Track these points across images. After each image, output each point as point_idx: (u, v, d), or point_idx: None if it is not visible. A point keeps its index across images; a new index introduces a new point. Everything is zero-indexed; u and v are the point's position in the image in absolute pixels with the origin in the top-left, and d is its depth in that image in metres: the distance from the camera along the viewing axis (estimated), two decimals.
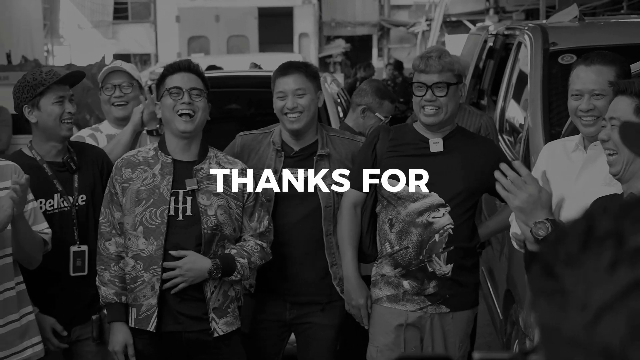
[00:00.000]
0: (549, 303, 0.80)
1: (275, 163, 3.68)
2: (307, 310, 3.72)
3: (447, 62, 3.45)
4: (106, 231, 3.41)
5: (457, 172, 3.48)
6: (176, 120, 3.34)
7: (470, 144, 3.55)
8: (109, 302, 3.41)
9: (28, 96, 3.44)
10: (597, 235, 0.79)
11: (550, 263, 0.82)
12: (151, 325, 3.33)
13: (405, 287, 3.50)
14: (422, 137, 3.53)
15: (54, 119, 3.45)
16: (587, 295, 0.77)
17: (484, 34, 7.24)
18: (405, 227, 3.48)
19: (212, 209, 3.36)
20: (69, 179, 3.54)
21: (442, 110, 3.44)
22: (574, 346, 0.77)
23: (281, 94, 3.61)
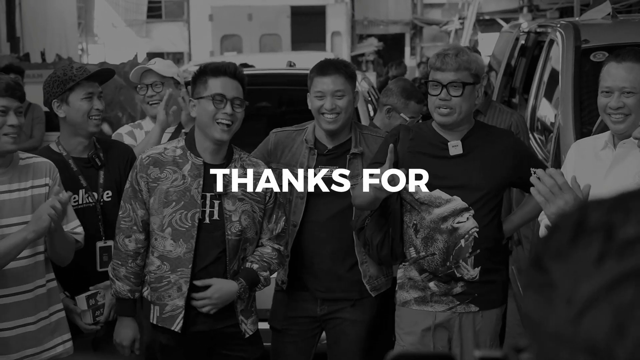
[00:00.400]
0: (537, 297, 0.78)
1: (308, 161, 3.69)
2: (338, 306, 3.73)
3: (464, 60, 3.36)
4: (126, 227, 3.39)
5: (479, 173, 3.42)
6: (214, 128, 3.30)
7: (490, 140, 3.47)
8: (122, 297, 3.43)
9: (58, 91, 3.48)
10: (588, 227, 0.77)
11: (540, 256, 0.80)
12: (176, 325, 3.34)
13: (433, 289, 3.46)
14: (441, 139, 3.46)
15: (82, 115, 3.49)
16: (573, 289, 0.74)
17: (516, 32, 7.19)
18: (430, 233, 3.43)
19: (237, 215, 3.36)
20: (94, 175, 3.57)
21: (455, 111, 3.36)
22: (559, 341, 0.74)
23: (319, 93, 3.60)
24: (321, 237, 3.69)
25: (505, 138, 3.55)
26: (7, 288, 3.17)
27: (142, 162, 3.38)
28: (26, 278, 3.20)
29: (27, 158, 3.30)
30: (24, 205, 3.22)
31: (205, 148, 3.37)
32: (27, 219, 3.19)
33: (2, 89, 3.11)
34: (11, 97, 3.13)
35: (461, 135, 3.45)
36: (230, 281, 3.34)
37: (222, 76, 3.32)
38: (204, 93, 3.31)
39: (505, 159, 3.42)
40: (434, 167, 3.43)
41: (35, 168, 3.28)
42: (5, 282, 3.17)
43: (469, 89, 3.36)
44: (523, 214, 3.64)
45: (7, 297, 3.17)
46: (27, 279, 3.20)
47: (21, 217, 3.20)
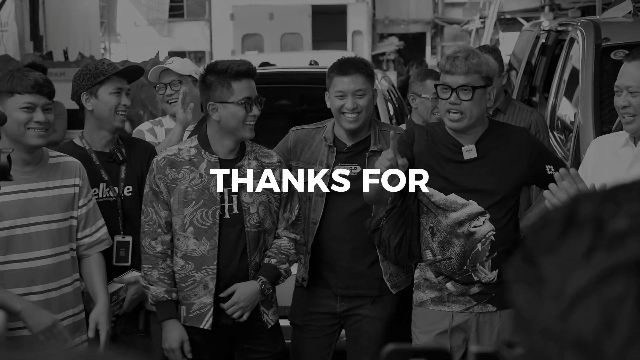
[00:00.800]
0: (526, 291, 0.76)
1: (328, 159, 3.71)
2: (358, 303, 3.74)
3: (474, 63, 3.29)
4: (151, 230, 3.41)
5: (494, 177, 3.39)
6: (243, 130, 3.35)
7: (504, 140, 3.43)
8: (160, 300, 3.40)
9: (88, 84, 3.55)
10: (578, 220, 0.75)
11: (531, 250, 0.78)
12: (205, 323, 3.37)
13: (450, 289, 3.46)
14: (455, 142, 3.42)
15: (110, 109, 3.55)
16: (562, 283, 0.72)
17: (537, 30, 7.16)
18: (447, 237, 3.42)
19: (254, 206, 3.40)
20: (116, 169, 3.62)
21: (465, 116, 3.31)
22: (549, 337, 0.73)
23: (340, 93, 3.60)
24: (341, 234, 3.70)
25: (520, 136, 3.50)
26: (34, 286, 3.21)
27: (158, 164, 3.41)
28: (52, 277, 3.24)
29: (57, 157, 3.34)
30: (52, 204, 3.26)
31: (224, 146, 3.41)
32: (55, 217, 3.24)
33: (28, 86, 3.15)
34: (38, 94, 3.17)
35: (475, 139, 3.40)
36: (251, 282, 3.38)
37: (244, 79, 3.35)
38: (231, 98, 3.33)
39: (520, 159, 3.39)
40: (448, 171, 3.41)
41: (64, 167, 3.32)
42: (31, 280, 3.21)
43: (479, 92, 3.31)
44: (539, 211, 3.62)
45: (34, 295, 3.20)
46: (52, 277, 3.23)
47: (49, 215, 3.24)
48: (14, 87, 3.15)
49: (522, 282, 0.78)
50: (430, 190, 3.43)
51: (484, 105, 3.36)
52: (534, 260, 0.77)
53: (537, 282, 0.75)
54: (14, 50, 12.86)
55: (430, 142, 3.46)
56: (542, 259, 0.76)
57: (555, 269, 0.74)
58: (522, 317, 0.77)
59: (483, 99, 3.34)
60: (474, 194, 3.38)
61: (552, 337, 0.72)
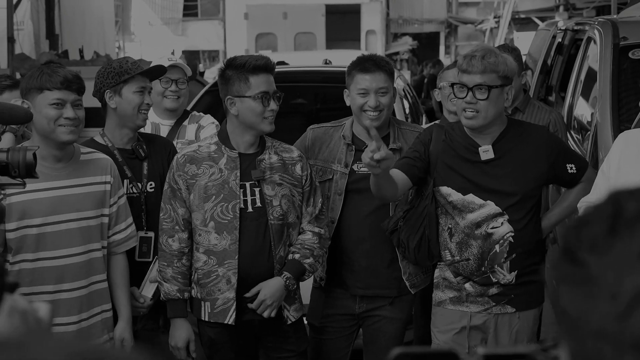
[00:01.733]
0: (574, 292, 0.74)
1: (346, 157, 3.69)
2: (377, 304, 3.73)
3: (491, 62, 3.27)
4: (168, 227, 3.42)
5: (512, 178, 3.36)
6: (262, 124, 3.37)
7: (523, 140, 3.40)
8: (171, 298, 3.43)
9: (112, 82, 3.58)
10: (626, 218, 0.72)
11: (573, 249, 0.76)
12: (229, 318, 3.38)
13: (468, 290, 3.44)
14: (472, 142, 3.40)
15: (133, 108, 3.58)
16: (617, 283, 0.70)
17: (553, 30, 7.14)
18: (464, 238, 3.40)
19: (277, 199, 3.40)
20: (138, 166, 3.64)
21: (480, 115, 3.29)
22: (603, 338, 0.71)
23: (362, 90, 3.59)
24: (360, 233, 3.68)
25: (539, 135, 3.46)
26: (63, 283, 3.21)
27: (178, 161, 3.43)
28: (82, 274, 3.24)
29: (88, 153, 3.35)
30: (83, 201, 3.27)
31: (245, 141, 3.42)
32: (86, 214, 3.25)
33: (58, 82, 3.16)
34: (67, 90, 3.17)
35: (492, 139, 3.38)
36: (275, 278, 3.38)
37: (261, 73, 3.35)
38: (248, 92, 3.34)
39: (540, 158, 3.37)
40: (466, 171, 3.39)
41: (96, 164, 3.33)
42: (61, 278, 3.21)
43: (495, 92, 3.28)
44: (561, 210, 3.59)
45: (63, 293, 3.21)
46: (82, 275, 3.24)
47: (80, 212, 3.25)
48: (44, 84, 3.15)
49: (568, 282, 0.76)
50: (448, 190, 3.41)
51: (500, 105, 3.33)
52: (580, 260, 0.75)
53: (586, 282, 0.73)
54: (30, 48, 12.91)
55: (448, 142, 3.45)
56: (589, 258, 0.74)
57: (608, 269, 0.72)
58: (569, 318, 0.75)
59: (500, 99, 3.31)
60: (491, 195, 3.36)
61: (607, 339, 0.70)
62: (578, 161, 3.49)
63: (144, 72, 3.64)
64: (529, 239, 3.40)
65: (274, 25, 26.67)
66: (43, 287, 3.18)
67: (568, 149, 3.65)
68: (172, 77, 4.24)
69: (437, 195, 3.46)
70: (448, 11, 30.05)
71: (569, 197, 3.53)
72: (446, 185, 3.42)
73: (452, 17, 29.93)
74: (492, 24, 23.51)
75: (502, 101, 3.33)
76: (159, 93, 4.23)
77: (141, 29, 28.91)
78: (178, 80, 4.26)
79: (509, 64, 3.35)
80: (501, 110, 3.38)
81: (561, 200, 3.64)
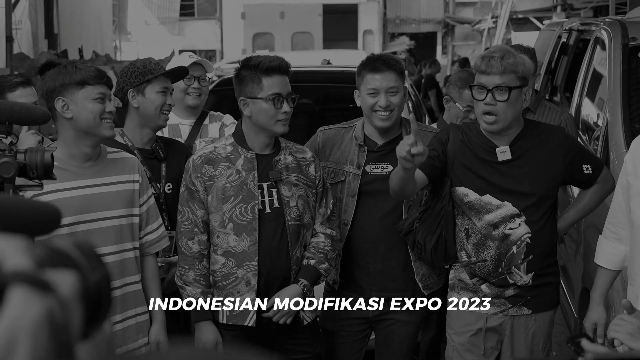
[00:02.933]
0: None
1: (359, 158, 3.65)
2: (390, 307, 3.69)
3: (510, 63, 3.23)
4: (187, 230, 3.37)
5: (529, 178, 3.33)
6: (275, 126, 3.33)
7: (540, 141, 3.37)
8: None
9: (135, 81, 3.59)
10: None
11: None
12: (249, 320, 3.34)
13: (485, 291, 3.41)
14: (490, 143, 3.37)
15: (155, 108, 3.59)
16: None
17: (558, 30, 7.13)
18: (482, 239, 3.37)
19: (294, 200, 3.38)
20: (157, 166, 3.63)
21: (500, 118, 3.25)
22: None
23: (373, 90, 3.55)
24: (374, 235, 3.64)
25: (556, 136, 3.43)
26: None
27: (194, 162, 3.38)
28: (115, 274, 3.17)
29: (114, 152, 3.30)
30: (113, 199, 3.20)
31: (259, 142, 3.39)
32: (117, 213, 3.19)
33: (97, 77, 3.08)
34: (105, 85, 3.12)
35: (510, 139, 3.35)
36: (292, 286, 3.36)
37: (275, 74, 3.31)
38: (260, 94, 3.30)
39: (557, 159, 3.34)
40: (483, 171, 3.36)
41: (123, 163, 3.28)
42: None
43: (515, 93, 3.25)
44: (577, 211, 3.57)
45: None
46: (116, 275, 3.17)
47: (111, 211, 3.18)
48: (85, 79, 3.06)
49: None
50: (465, 190, 3.39)
51: (519, 106, 3.30)
52: None
53: None
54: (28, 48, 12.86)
55: (466, 142, 3.42)
56: None
57: None
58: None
59: (519, 100, 3.28)
60: (509, 195, 3.33)
61: None
62: (594, 162, 3.46)
63: (166, 73, 3.66)
64: (546, 240, 3.38)
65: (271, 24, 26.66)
66: None
67: (584, 150, 3.63)
68: (194, 74, 4.19)
69: (453, 196, 3.43)
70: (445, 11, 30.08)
71: (584, 198, 3.51)
72: (463, 185, 3.40)
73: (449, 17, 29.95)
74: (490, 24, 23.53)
75: (520, 102, 3.30)
76: (181, 90, 4.19)
77: (138, 28, 28.85)
78: (200, 77, 4.22)
79: (527, 64, 3.32)
80: (519, 112, 3.34)
81: (577, 201, 3.61)
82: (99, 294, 1.02)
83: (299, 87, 6.65)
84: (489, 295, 3.41)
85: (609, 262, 3.21)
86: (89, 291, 0.96)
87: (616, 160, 4.11)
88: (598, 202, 3.50)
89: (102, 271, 1.07)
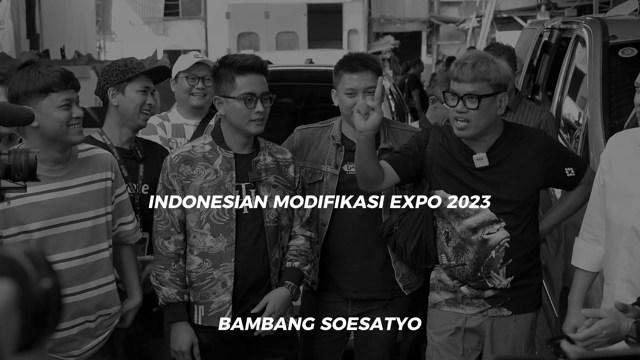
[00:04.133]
0: None
1: (336, 157, 3.61)
2: (370, 307, 3.67)
3: (482, 71, 3.15)
4: (164, 229, 3.33)
5: (508, 185, 3.28)
6: (248, 126, 3.27)
7: (520, 146, 3.30)
8: (171, 302, 3.33)
9: (116, 80, 3.56)
10: None
11: None
12: (224, 322, 3.30)
13: (464, 292, 3.38)
14: (467, 149, 3.32)
15: (135, 107, 3.56)
16: None
17: (539, 29, 7.12)
18: (461, 243, 3.34)
19: (273, 201, 3.34)
20: (135, 167, 3.60)
21: (471, 125, 3.20)
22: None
23: (350, 91, 3.50)
24: (352, 235, 3.60)
25: (536, 140, 3.35)
26: (69, 287, 3.04)
27: (172, 161, 3.34)
28: (89, 276, 3.12)
29: (86, 150, 3.22)
30: (85, 200, 3.14)
31: (236, 141, 3.34)
32: (88, 215, 3.13)
33: (61, 82, 2.99)
34: (72, 89, 3.03)
35: (487, 146, 3.29)
36: (281, 289, 3.33)
37: (249, 73, 3.26)
38: (233, 93, 3.25)
39: (537, 164, 3.29)
40: (462, 176, 3.32)
41: (96, 161, 3.21)
42: (68, 281, 3.03)
43: (486, 101, 3.18)
44: (560, 213, 3.51)
45: (69, 297, 3.05)
46: (89, 277, 3.12)
47: (83, 213, 3.12)
48: (49, 86, 2.98)
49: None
50: (444, 194, 3.36)
51: (492, 113, 3.23)
52: None
53: None
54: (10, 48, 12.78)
55: (446, 145, 3.37)
56: None
57: None
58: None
59: (492, 108, 3.21)
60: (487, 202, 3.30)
61: None
62: (577, 164, 3.41)
63: (148, 72, 3.62)
64: (526, 244, 3.34)
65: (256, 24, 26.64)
66: None
67: (566, 152, 3.55)
68: (198, 75, 4.13)
69: (433, 200, 3.40)
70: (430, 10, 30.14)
71: (567, 200, 3.47)
72: (442, 189, 3.36)
73: (434, 16, 30.01)
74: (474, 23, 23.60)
75: (494, 109, 3.23)
76: (186, 91, 4.14)
77: (122, 28, 28.77)
78: (204, 77, 4.13)
79: (502, 71, 3.24)
80: (493, 119, 3.27)
81: (560, 202, 3.56)
82: (46, 303, 0.99)
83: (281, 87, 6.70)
84: (468, 296, 3.38)
85: (587, 264, 3.18)
86: (33, 300, 0.93)
87: (596, 159, 4.09)
88: (582, 203, 3.46)
89: (53, 280, 1.04)
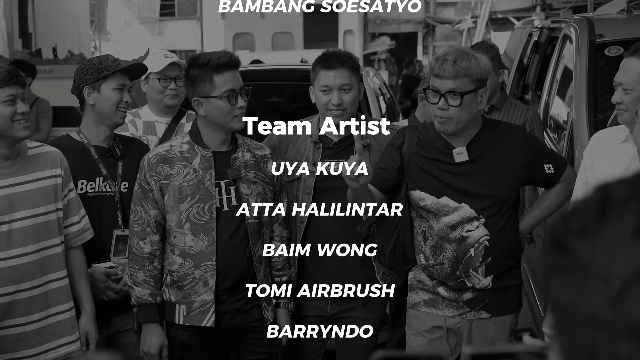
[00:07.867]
0: (564, 282, 0.71)
1: (314, 155, 3.61)
2: (349, 305, 3.65)
3: (464, 67, 3.12)
4: (139, 230, 3.33)
5: (487, 180, 3.25)
6: (232, 122, 3.28)
7: (498, 142, 3.28)
8: (143, 302, 3.32)
9: (91, 78, 3.53)
10: (616, 200, 0.69)
11: (561, 238, 0.73)
12: (207, 321, 3.29)
13: (443, 294, 3.35)
14: (446, 144, 3.29)
15: (112, 105, 3.53)
16: (609, 266, 0.67)
17: (529, 28, 7.12)
18: (439, 242, 3.30)
19: (253, 198, 3.33)
20: (114, 164, 3.58)
21: (452, 121, 3.18)
22: (597, 325, 0.67)
23: (325, 88, 3.50)
24: (331, 233, 3.59)
25: (515, 136, 3.34)
26: (21, 283, 3.10)
27: (149, 161, 3.33)
28: (39, 272, 3.14)
29: (36, 147, 3.26)
30: (35, 197, 3.17)
31: (216, 139, 3.35)
32: (38, 211, 3.15)
33: (5, 78, 3.06)
34: (16, 85, 3.08)
35: (467, 141, 3.27)
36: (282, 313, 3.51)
37: (226, 71, 3.26)
38: (214, 92, 3.25)
39: (516, 160, 3.27)
40: (440, 173, 3.29)
41: (45, 158, 3.24)
42: (19, 278, 3.10)
43: (468, 97, 3.16)
44: (540, 212, 3.46)
45: (21, 293, 3.11)
46: (40, 273, 3.14)
47: (33, 209, 3.15)
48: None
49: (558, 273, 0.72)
50: (422, 194, 3.32)
51: (474, 109, 3.22)
52: (569, 248, 0.72)
53: (576, 270, 0.70)
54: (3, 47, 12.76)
55: (423, 143, 3.35)
56: (579, 245, 0.71)
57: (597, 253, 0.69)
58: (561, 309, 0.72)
59: (473, 103, 3.19)
60: (466, 197, 3.26)
61: (602, 325, 0.67)
62: (556, 161, 3.39)
63: (123, 70, 3.58)
64: (506, 242, 3.31)
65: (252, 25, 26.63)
66: (2, 289, 3.08)
67: (545, 149, 3.52)
68: (170, 75, 4.12)
69: (410, 199, 3.37)
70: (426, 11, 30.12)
71: (547, 198, 3.43)
72: (420, 189, 3.33)
73: (430, 17, 30.00)
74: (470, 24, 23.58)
75: (475, 105, 3.21)
76: (158, 91, 4.12)
77: (117, 28, 28.76)
78: (176, 77, 4.11)
79: (482, 66, 3.21)
80: (475, 114, 3.26)
81: (540, 201, 3.52)
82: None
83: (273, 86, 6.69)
84: (447, 299, 3.35)
85: None
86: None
87: (581, 157, 4.07)
88: (562, 202, 3.43)
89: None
